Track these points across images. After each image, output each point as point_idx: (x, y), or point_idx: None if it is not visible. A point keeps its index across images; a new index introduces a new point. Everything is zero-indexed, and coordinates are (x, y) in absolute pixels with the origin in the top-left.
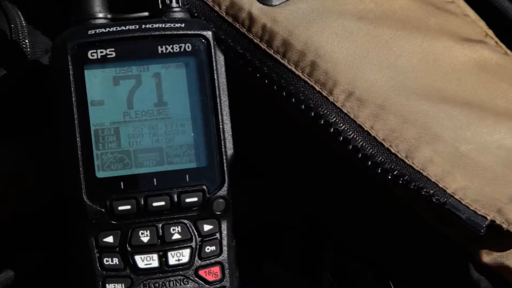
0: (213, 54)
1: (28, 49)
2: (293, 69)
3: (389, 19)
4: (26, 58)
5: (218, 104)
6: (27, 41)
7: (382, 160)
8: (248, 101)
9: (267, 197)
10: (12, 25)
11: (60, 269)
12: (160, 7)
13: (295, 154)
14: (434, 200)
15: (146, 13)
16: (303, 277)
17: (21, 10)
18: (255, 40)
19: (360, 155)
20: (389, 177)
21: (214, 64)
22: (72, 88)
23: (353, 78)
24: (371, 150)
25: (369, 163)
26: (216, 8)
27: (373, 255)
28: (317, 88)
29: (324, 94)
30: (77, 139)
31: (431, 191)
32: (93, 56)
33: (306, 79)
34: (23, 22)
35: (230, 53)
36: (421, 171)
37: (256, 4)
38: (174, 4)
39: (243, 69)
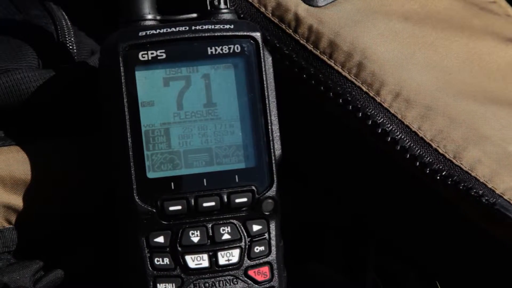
0: (261, 55)
1: (75, 50)
2: (340, 70)
3: (434, 20)
4: (73, 59)
5: (267, 105)
6: (73, 42)
7: (430, 160)
8: (293, 102)
9: (308, 197)
10: (58, 27)
11: (110, 268)
12: (209, 8)
13: (339, 154)
14: (483, 201)
15: (194, 15)
16: (347, 277)
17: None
18: (302, 41)
19: (408, 156)
20: (438, 177)
21: (262, 65)
22: (123, 89)
23: (400, 78)
24: (419, 150)
25: (417, 163)
26: (262, 9)
27: (417, 255)
28: (364, 89)
29: (371, 94)
30: (128, 140)
31: (480, 192)
32: (144, 57)
33: (353, 80)
34: (69, 24)
35: (276, 54)
36: (470, 171)
37: (302, 5)
38: (222, 5)
39: (289, 70)
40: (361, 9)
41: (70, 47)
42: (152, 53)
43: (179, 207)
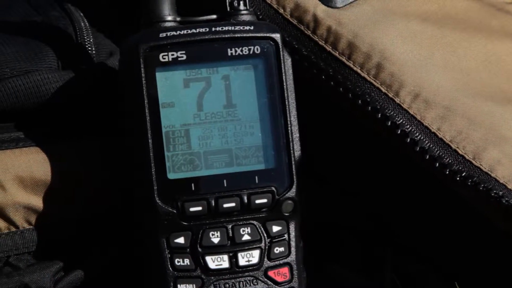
0: (281, 56)
1: (94, 52)
2: (359, 71)
3: (452, 21)
4: (92, 60)
5: (286, 106)
6: (92, 43)
7: (450, 161)
8: (312, 103)
9: (326, 197)
10: (77, 28)
11: (129, 269)
12: (228, 9)
13: (358, 155)
14: (503, 202)
15: (214, 16)
16: (365, 277)
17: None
18: (320, 42)
19: (427, 157)
20: (458, 178)
21: (282, 66)
22: (144, 91)
23: (419, 79)
24: (439, 151)
25: (437, 164)
26: (281, 11)
27: (436, 255)
28: (383, 90)
29: (391, 95)
30: (149, 141)
31: (500, 193)
32: (165, 58)
33: (372, 81)
34: (87, 25)
35: (294, 55)
36: (489, 172)
37: (321, 6)
38: (241, 7)
39: (308, 71)
40: (380, 10)
41: (89, 48)
42: (172, 54)
43: (199, 208)
